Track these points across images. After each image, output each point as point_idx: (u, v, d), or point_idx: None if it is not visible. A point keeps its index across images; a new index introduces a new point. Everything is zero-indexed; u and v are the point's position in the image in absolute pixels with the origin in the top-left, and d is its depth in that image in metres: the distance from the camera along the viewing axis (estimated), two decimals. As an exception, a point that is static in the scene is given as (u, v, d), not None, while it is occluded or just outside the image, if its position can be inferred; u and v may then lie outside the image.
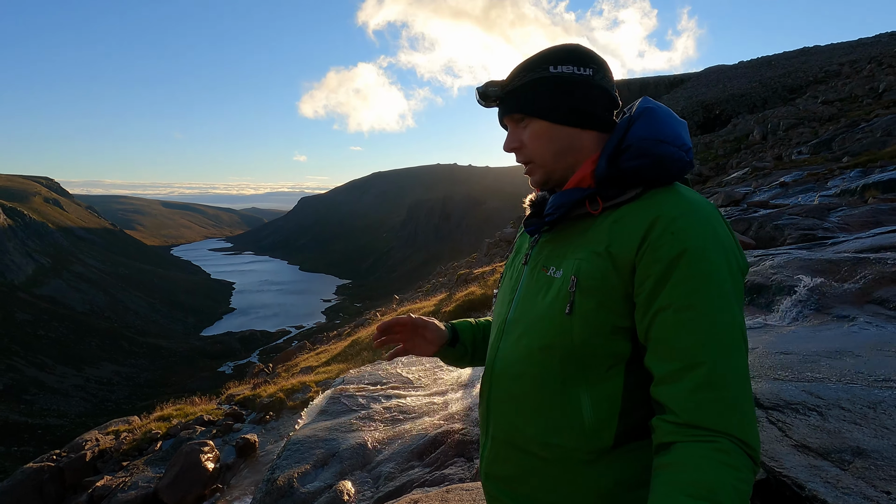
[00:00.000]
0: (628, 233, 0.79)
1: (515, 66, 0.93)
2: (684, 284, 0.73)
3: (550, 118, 0.89)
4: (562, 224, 0.90)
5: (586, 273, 0.80)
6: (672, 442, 0.70)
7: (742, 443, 0.67)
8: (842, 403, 2.02)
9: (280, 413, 7.06)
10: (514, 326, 0.91)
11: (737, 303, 0.75)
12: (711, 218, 0.78)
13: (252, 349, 72.40)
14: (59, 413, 52.57)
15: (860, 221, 5.96)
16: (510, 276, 1.02)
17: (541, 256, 0.92)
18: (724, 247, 0.76)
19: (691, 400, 0.69)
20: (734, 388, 0.69)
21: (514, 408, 0.89)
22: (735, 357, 0.71)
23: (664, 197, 0.80)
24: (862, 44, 51.35)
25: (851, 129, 15.82)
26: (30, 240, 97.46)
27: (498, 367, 0.93)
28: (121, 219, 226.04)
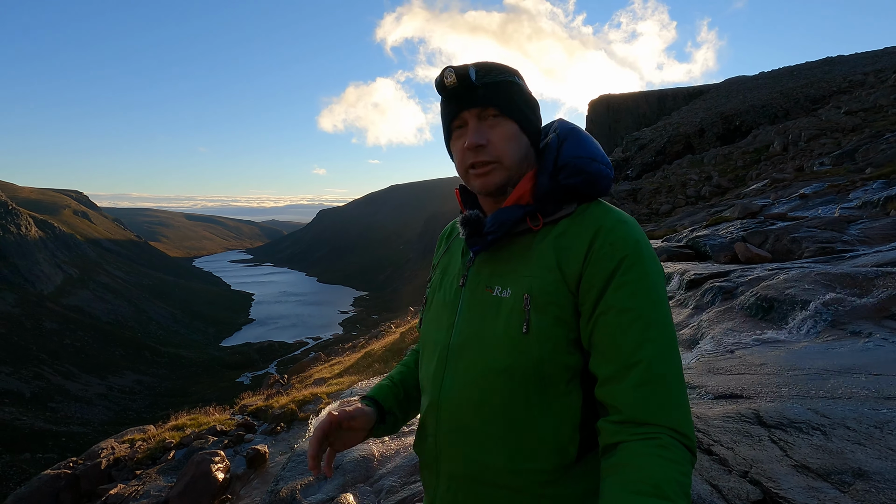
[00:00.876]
0: (574, 246, 0.81)
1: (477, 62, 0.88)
2: (622, 289, 0.77)
3: (521, 124, 0.89)
4: (501, 242, 0.89)
5: (540, 290, 0.80)
6: (617, 442, 0.72)
7: (680, 435, 0.71)
8: (847, 423, 1.96)
9: (291, 424, 7.10)
10: (460, 352, 0.87)
11: (666, 304, 0.79)
12: (639, 230, 0.84)
13: (270, 360, 73.07)
14: (82, 421, 53.66)
15: (881, 234, 5.80)
16: (444, 299, 0.95)
17: (481, 276, 0.89)
18: (652, 255, 0.82)
19: (632, 396, 0.72)
20: (671, 384, 0.73)
21: (473, 440, 0.84)
22: (670, 354, 0.75)
23: (597, 211, 0.85)
24: (888, 53, 50.29)
25: (875, 139, 15.44)
26: (59, 251, 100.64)
27: (446, 400, 0.87)
28: (146, 231, 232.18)
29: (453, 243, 1.03)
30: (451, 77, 0.86)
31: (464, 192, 1.00)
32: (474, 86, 0.86)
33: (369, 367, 10.47)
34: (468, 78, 0.85)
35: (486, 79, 0.87)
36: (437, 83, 0.89)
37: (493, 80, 0.87)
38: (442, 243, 1.09)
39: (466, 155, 0.88)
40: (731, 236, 7.18)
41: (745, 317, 4.20)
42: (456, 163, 0.93)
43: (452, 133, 0.92)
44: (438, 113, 0.96)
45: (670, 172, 29.94)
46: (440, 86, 0.88)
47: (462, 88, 0.86)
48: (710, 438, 2.04)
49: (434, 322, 0.96)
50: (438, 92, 0.90)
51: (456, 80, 0.86)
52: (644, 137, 44.51)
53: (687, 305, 5.00)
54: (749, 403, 2.32)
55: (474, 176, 0.89)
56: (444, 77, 0.86)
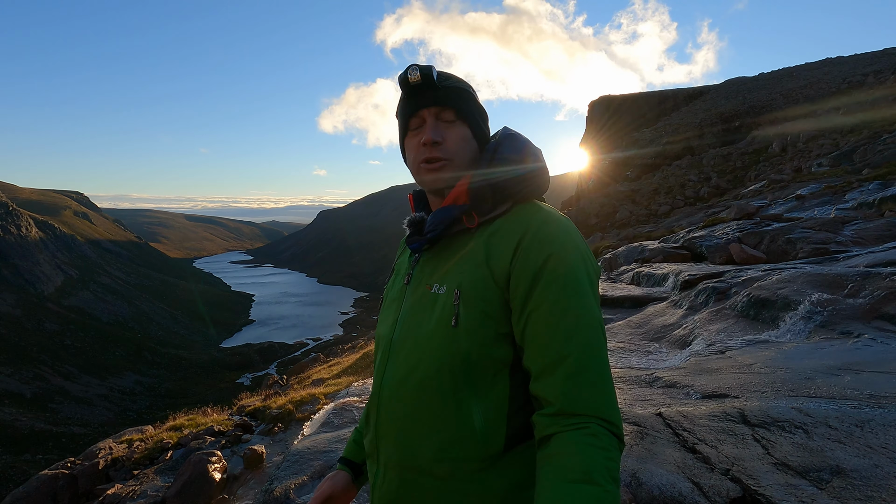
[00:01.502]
0: (503, 244, 0.85)
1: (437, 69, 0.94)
2: (551, 286, 0.80)
3: (473, 129, 0.96)
4: (441, 241, 0.94)
5: (469, 285, 0.85)
6: (551, 434, 0.76)
7: (608, 423, 0.75)
8: (829, 421, 1.99)
9: (289, 424, 7.12)
10: (400, 346, 0.92)
11: (594, 299, 0.83)
12: (569, 227, 0.88)
13: (270, 361, 73.07)
14: (82, 422, 53.67)
15: (875, 235, 5.83)
16: (392, 297, 1.02)
17: (423, 274, 0.94)
18: (581, 251, 0.85)
19: (562, 389, 0.76)
20: (597, 375, 0.77)
21: (406, 429, 0.88)
22: (596, 347, 0.79)
23: (529, 210, 0.89)
24: (887, 54, 50.28)
25: (873, 140, 15.46)
26: (59, 252, 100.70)
27: (386, 390, 0.92)
28: (146, 232, 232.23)
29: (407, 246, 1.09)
30: (415, 74, 0.91)
31: (416, 198, 1.07)
32: (436, 86, 0.92)
33: (367, 367, 10.50)
34: (431, 77, 0.91)
35: (447, 83, 0.94)
36: (401, 79, 0.93)
37: (452, 84, 0.94)
38: (401, 246, 1.15)
39: (421, 150, 0.94)
40: (726, 237, 7.21)
41: (737, 317, 4.23)
42: (409, 158, 0.98)
43: (409, 130, 0.98)
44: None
45: (669, 173, 29.96)
46: (404, 82, 0.93)
47: (425, 87, 0.92)
48: (695, 437, 2.07)
49: (384, 318, 1.02)
50: (401, 87, 0.95)
51: (420, 78, 0.91)
52: (644, 138, 44.52)
53: (681, 306, 5.03)
54: (735, 403, 2.35)
55: (426, 170, 0.94)
56: (409, 73, 0.91)
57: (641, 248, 8.44)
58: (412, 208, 1.06)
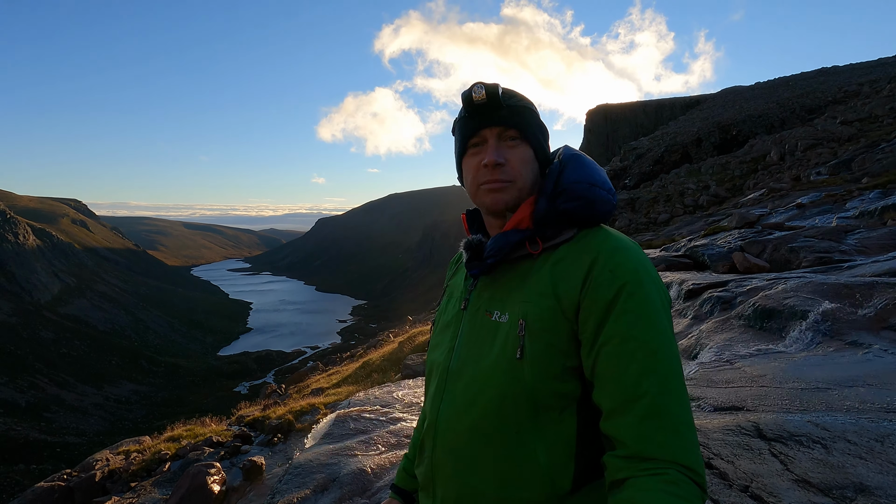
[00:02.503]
0: (571, 273, 0.80)
1: (502, 86, 0.90)
2: (624, 318, 0.75)
3: (535, 149, 0.92)
4: (501, 266, 0.89)
5: (534, 315, 0.80)
6: (624, 478, 0.70)
7: (689, 470, 0.68)
8: (848, 436, 1.95)
9: (288, 435, 7.03)
10: (458, 376, 0.87)
11: (670, 330, 0.77)
12: (641, 255, 0.82)
13: (268, 369, 72.63)
14: (77, 431, 53.15)
15: (878, 244, 5.81)
16: (446, 321, 0.97)
17: (482, 300, 0.90)
18: (655, 281, 0.80)
19: (637, 431, 0.70)
20: (677, 416, 0.71)
21: (465, 465, 0.83)
22: (675, 385, 0.73)
23: (597, 237, 0.84)
24: (882, 63, 50.78)
25: (871, 149, 15.54)
26: (57, 260, 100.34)
27: (443, 423, 0.87)
28: (144, 239, 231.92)
29: (461, 267, 1.04)
30: (480, 93, 0.87)
31: (470, 218, 1.02)
32: (500, 105, 0.88)
33: (367, 376, 10.41)
34: (497, 96, 0.87)
35: (510, 101, 0.89)
36: (465, 97, 0.89)
37: (515, 103, 0.90)
38: (451, 267, 1.10)
39: (482, 172, 0.90)
40: (728, 246, 7.19)
41: (743, 327, 4.19)
42: (468, 179, 0.94)
43: (468, 149, 0.93)
44: (437, 123, 0.97)
45: (668, 182, 30.07)
46: (468, 100, 0.89)
47: (488, 106, 0.88)
48: (710, 452, 2.03)
49: (437, 345, 0.97)
50: (464, 105, 0.91)
51: (485, 97, 0.87)
52: (642, 147, 44.73)
53: (686, 315, 4.99)
54: (749, 416, 2.31)
55: (487, 191, 0.90)
56: (474, 92, 0.87)
57: (643, 256, 8.42)
58: (466, 229, 1.01)
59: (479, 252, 0.92)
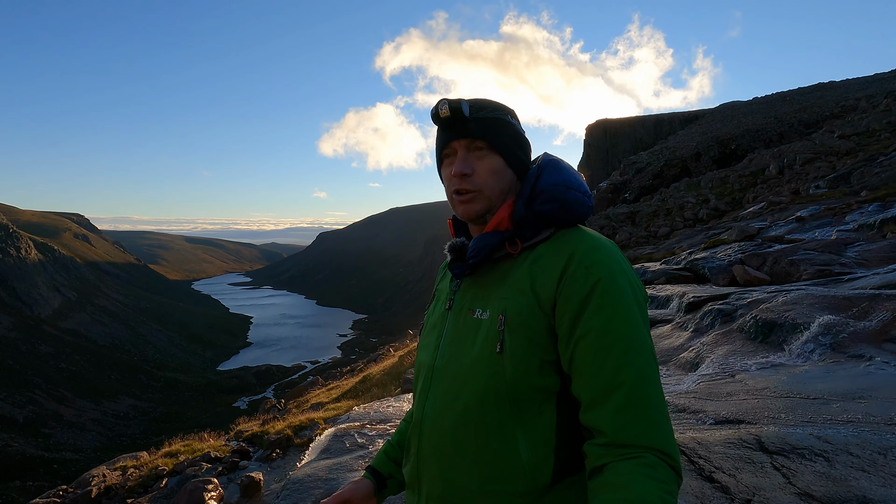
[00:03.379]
0: (548, 270, 0.84)
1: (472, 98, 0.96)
2: (599, 312, 0.78)
3: (507, 159, 0.95)
4: (483, 267, 0.93)
5: (514, 311, 0.83)
6: (603, 464, 0.74)
7: (665, 455, 0.72)
8: (850, 449, 1.93)
9: (287, 450, 6.96)
10: (443, 373, 0.90)
11: (644, 324, 0.81)
12: (615, 252, 0.86)
13: (267, 384, 72.14)
14: (75, 447, 52.61)
15: (878, 257, 5.81)
16: (433, 322, 1.01)
17: (465, 300, 0.94)
18: (628, 277, 0.84)
19: (616, 420, 0.74)
20: (653, 405, 0.75)
21: (449, 460, 0.86)
22: (650, 376, 0.77)
23: (574, 236, 0.88)
24: (878, 78, 51.27)
25: (869, 163, 15.61)
26: (58, 274, 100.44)
27: (428, 419, 0.90)
28: (146, 253, 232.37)
29: (447, 271, 1.08)
30: (444, 109, 0.92)
31: (455, 222, 1.07)
32: (466, 119, 0.92)
33: (367, 391, 10.34)
34: (461, 111, 0.92)
35: (479, 114, 0.94)
36: (433, 113, 0.95)
37: (484, 115, 0.94)
38: (441, 272, 1.14)
39: (452, 181, 0.95)
40: (729, 259, 7.19)
41: (745, 340, 4.17)
42: (445, 188, 1.00)
43: (443, 160, 0.99)
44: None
45: (668, 195, 30.16)
46: (435, 116, 0.95)
47: (454, 120, 0.93)
48: (712, 465, 2.01)
49: (425, 344, 1.01)
50: (433, 121, 0.96)
51: (449, 112, 0.92)
52: (641, 161, 44.98)
53: (687, 328, 4.97)
54: (750, 428, 2.29)
55: (458, 202, 0.95)
56: (439, 108, 0.93)
57: (643, 269, 8.42)
58: (452, 233, 1.06)
59: (461, 254, 0.97)
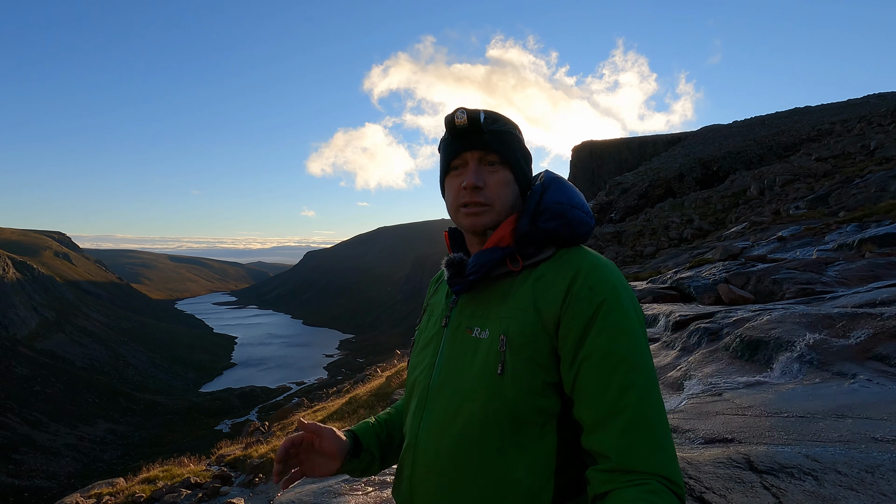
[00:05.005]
0: (552, 289, 0.82)
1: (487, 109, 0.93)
2: (603, 333, 0.77)
3: (516, 174, 0.94)
4: (482, 283, 0.91)
5: (515, 331, 0.81)
6: (607, 491, 0.71)
7: (670, 482, 0.70)
8: (839, 467, 1.93)
9: (270, 475, 6.78)
10: (439, 393, 0.87)
11: (646, 346, 0.80)
12: (618, 273, 0.85)
13: (251, 406, 70.46)
14: (48, 474, 50.54)
15: (858, 276, 5.93)
16: (427, 339, 0.98)
17: (462, 317, 0.90)
18: (632, 298, 0.83)
19: (621, 443, 0.72)
20: (657, 429, 0.73)
21: (445, 483, 0.82)
22: (653, 399, 0.75)
23: (576, 255, 0.87)
24: (851, 104, 53.22)
25: (846, 184, 16.08)
26: (36, 293, 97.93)
27: (423, 441, 0.87)
28: (129, 272, 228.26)
29: (441, 286, 1.05)
30: (462, 118, 0.90)
31: (452, 236, 1.03)
32: (482, 130, 0.91)
33: (354, 412, 10.15)
34: (478, 121, 0.90)
35: (493, 126, 0.92)
36: (448, 121, 0.92)
37: (498, 128, 0.92)
38: (432, 286, 1.11)
39: (461, 194, 0.92)
40: (714, 278, 7.28)
41: (731, 358, 4.20)
42: (448, 199, 0.96)
43: (450, 171, 0.96)
44: (426, 158, 1.00)
45: (653, 215, 30.64)
46: (450, 124, 0.92)
47: (470, 130, 0.91)
48: (702, 486, 1.99)
49: (418, 362, 0.97)
50: (447, 129, 0.93)
51: (466, 121, 0.90)
52: (626, 181, 45.77)
53: (674, 347, 4.99)
54: (739, 447, 2.29)
55: (465, 214, 0.92)
56: (456, 116, 0.90)
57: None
58: (448, 247, 1.03)
59: (460, 269, 0.93)
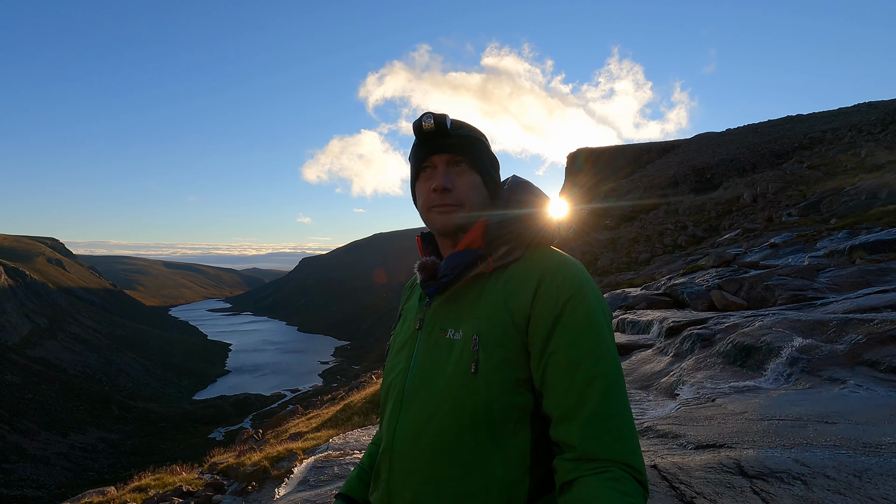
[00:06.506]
0: (521, 288, 0.86)
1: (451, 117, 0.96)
2: (570, 329, 0.80)
3: (484, 177, 0.97)
4: (455, 286, 0.93)
5: (487, 330, 0.84)
6: (572, 479, 0.74)
7: (632, 469, 0.73)
8: (827, 472, 1.95)
9: (264, 483, 6.72)
10: (414, 395, 0.88)
11: (611, 339, 0.83)
12: (583, 271, 0.89)
13: (245, 414, 69.90)
14: (38, 483, 49.83)
15: (849, 282, 5.98)
16: (401, 343, 0.99)
17: (436, 319, 0.92)
18: (597, 295, 0.87)
19: (584, 434, 0.75)
20: (620, 419, 0.76)
21: (423, 484, 0.83)
22: (618, 390, 0.78)
23: (544, 255, 0.91)
24: (842, 112, 53.79)
25: (837, 192, 16.23)
26: (28, 300, 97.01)
27: (399, 443, 0.88)
28: (122, 279, 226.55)
29: (415, 290, 1.08)
30: (429, 122, 0.93)
31: (424, 241, 1.06)
32: (449, 134, 0.94)
33: (348, 419, 10.08)
34: (445, 125, 0.93)
35: (460, 131, 0.95)
36: (416, 126, 0.95)
37: (465, 133, 0.96)
38: (406, 291, 1.14)
39: (432, 196, 0.95)
40: (707, 284, 7.33)
41: (724, 364, 4.22)
42: (419, 203, 0.99)
43: (420, 175, 0.99)
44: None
45: (647, 222, 30.79)
46: (418, 128, 0.95)
47: (437, 134, 0.94)
48: (693, 490, 2.00)
49: (393, 366, 0.99)
50: (415, 133, 0.96)
51: (434, 126, 0.93)
52: (621, 189, 46.02)
53: (667, 353, 5.01)
54: (730, 452, 2.30)
55: (437, 214, 0.95)
56: (423, 121, 0.93)
57: (624, 295, 8.51)
58: (420, 251, 1.05)
59: (433, 272, 0.96)
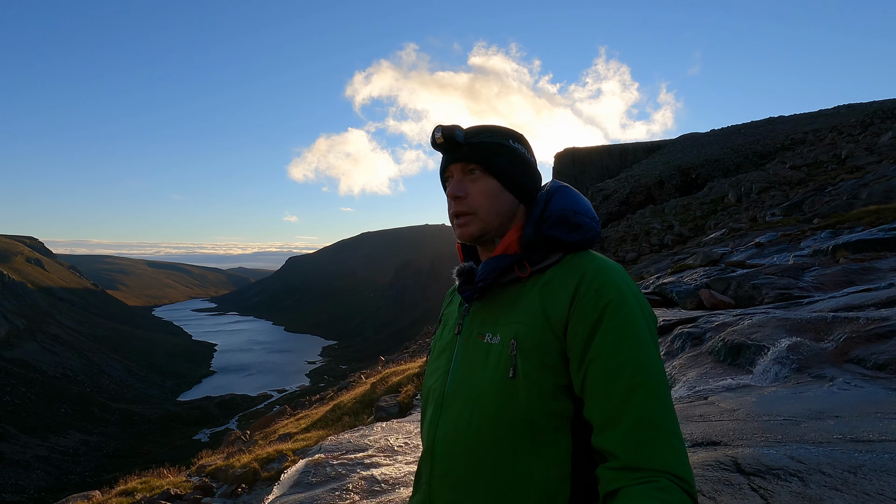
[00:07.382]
0: (559, 293, 0.85)
1: (474, 125, 0.99)
2: (610, 334, 0.79)
3: (503, 181, 0.96)
4: (492, 291, 0.94)
5: (525, 335, 0.83)
6: (617, 489, 0.72)
7: (679, 479, 0.70)
8: (823, 468, 1.98)
9: (253, 485, 6.65)
10: (453, 398, 0.90)
11: (654, 346, 0.81)
12: (623, 275, 0.87)
13: (231, 415, 69.18)
14: (17, 488, 48.73)
15: (833, 281, 6.10)
16: (441, 347, 1.01)
17: (474, 324, 0.93)
18: (637, 298, 0.84)
19: (628, 442, 0.73)
20: (666, 427, 0.74)
21: (461, 487, 0.84)
22: (662, 397, 0.76)
23: (583, 260, 0.89)
24: (823, 114, 54.95)
25: (819, 192, 16.58)
26: (6, 300, 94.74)
27: (439, 447, 0.89)
28: (104, 279, 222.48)
29: (455, 296, 1.08)
30: (438, 135, 0.96)
31: (464, 247, 1.07)
32: (459, 144, 0.96)
33: (338, 420, 10.03)
34: (453, 137, 0.95)
35: (474, 139, 0.96)
36: (431, 140, 0.98)
37: (479, 140, 0.96)
38: (447, 298, 1.14)
39: (450, 203, 0.97)
40: (695, 283, 7.42)
41: (714, 362, 4.28)
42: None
43: (445, 184, 1.02)
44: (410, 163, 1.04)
45: (634, 221, 31.13)
46: (432, 142, 0.98)
47: (448, 145, 0.97)
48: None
49: (433, 370, 1.00)
50: (432, 147, 0.99)
51: (442, 138, 0.96)
52: (608, 188, 46.45)
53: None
54: (726, 450, 2.33)
55: (456, 225, 0.97)
56: (434, 135, 0.97)
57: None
58: (461, 257, 1.06)
59: (470, 277, 0.97)
